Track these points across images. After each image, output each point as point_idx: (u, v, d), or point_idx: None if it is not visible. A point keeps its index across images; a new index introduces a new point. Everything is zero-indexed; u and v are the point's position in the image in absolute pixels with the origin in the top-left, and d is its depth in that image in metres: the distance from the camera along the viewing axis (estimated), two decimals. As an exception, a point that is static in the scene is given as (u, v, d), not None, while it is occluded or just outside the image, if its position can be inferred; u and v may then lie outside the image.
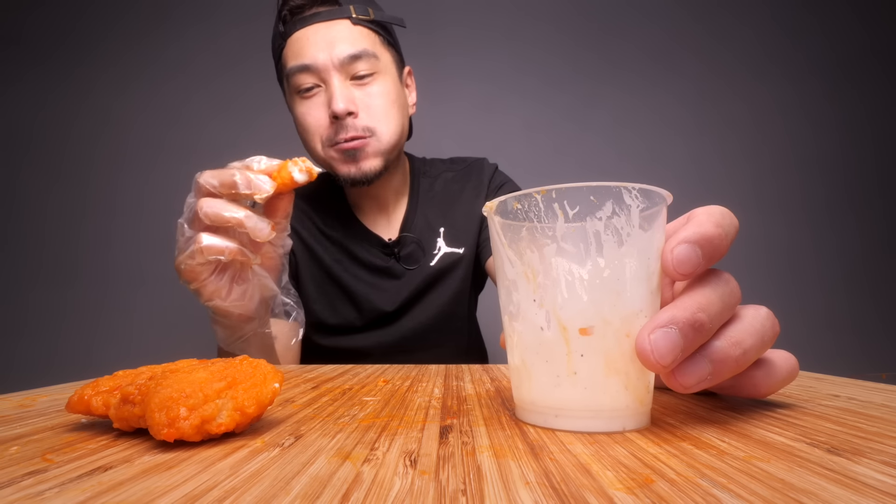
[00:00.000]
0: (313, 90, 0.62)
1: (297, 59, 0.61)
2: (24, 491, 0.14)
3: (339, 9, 0.62)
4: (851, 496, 0.13)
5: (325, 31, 0.61)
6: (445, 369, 0.42)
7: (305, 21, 0.62)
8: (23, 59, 1.40)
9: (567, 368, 0.20)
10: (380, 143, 0.64)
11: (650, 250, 0.21)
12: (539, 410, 0.21)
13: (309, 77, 0.62)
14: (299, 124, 0.65)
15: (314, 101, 0.63)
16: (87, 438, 0.20)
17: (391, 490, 0.14)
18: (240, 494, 0.14)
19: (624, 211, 0.21)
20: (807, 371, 0.40)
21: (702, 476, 0.15)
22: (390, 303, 0.70)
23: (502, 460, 0.16)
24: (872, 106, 1.51)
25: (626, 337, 0.20)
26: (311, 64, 0.61)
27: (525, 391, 0.22)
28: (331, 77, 0.61)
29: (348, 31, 0.62)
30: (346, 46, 0.61)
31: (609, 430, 0.20)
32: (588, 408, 0.20)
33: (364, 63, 0.62)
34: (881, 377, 1.40)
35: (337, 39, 0.61)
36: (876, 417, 0.22)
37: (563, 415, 0.21)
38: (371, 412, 0.25)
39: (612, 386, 0.20)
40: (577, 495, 0.13)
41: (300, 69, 0.61)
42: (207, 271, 0.39)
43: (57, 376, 1.31)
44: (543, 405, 0.21)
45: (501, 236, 0.23)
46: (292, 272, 0.71)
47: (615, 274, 0.20)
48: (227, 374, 0.21)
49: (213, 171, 0.37)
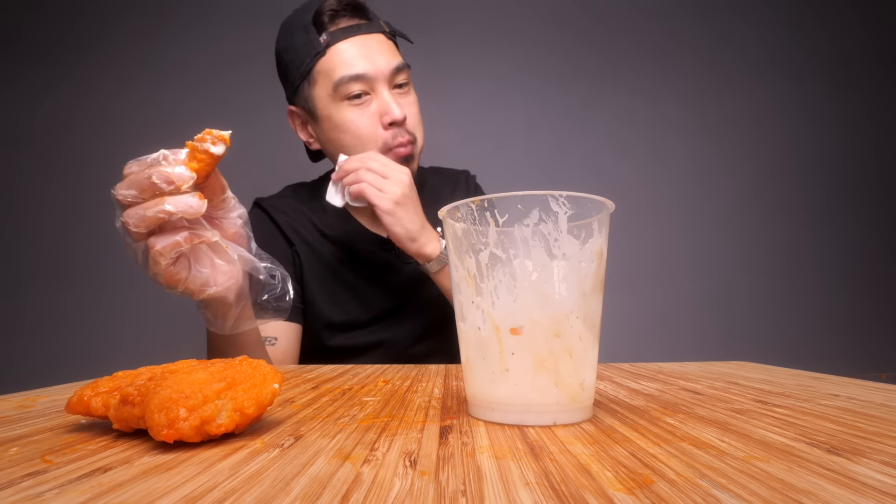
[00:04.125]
0: (363, 98, 0.66)
1: (349, 68, 0.65)
2: (23, 492, 0.14)
3: (374, 23, 0.68)
4: (851, 496, 0.13)
5: (369, 43, 0.66)
6: (445, 369, 0.42)
7: (347, 32, 0.66)
8: (22, 59, 1.40)
9: (500, 366, 0.22)
10: (417, 148, 0.70)
11: (582, 255, 0.22)
12: (479, 405, 0.23)
13: (359, 85, 0.65)
14: (348, 130, 0.67)
15: (365, 108, 0.66)
16: (86, 439, 0.20)
17: (391, 491, 0.14)
18: (240, 495, 0.14)
19: (551, 218, 0.22)
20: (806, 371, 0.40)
21: (701, 476, 0.15)
22: (393, 296, 0.72)
23: (502, 461, 0.16)
24: (872, 106, 1.51)
25: (556, 337, 0.21)
26: (363, 73, 0.65)
27: (469, 387, 0.24)
28: (381, 86, 0.66)
29: (386, 44, 0.67)
30: (391, 59, 0.66)
31: (540, 424, 0.21)
32: (519, 402, 0.21)
33: (403, 74, 0.68)
34: (881, 377, 1.40)
35: (380, 51, 0.66)
36: (875, 417, 0.22)
37: (497, 409, 0.22)
38: (371, 412, 0.25)
39: (541, 382, 0.21)
40: (577, 495, 0.13)
41: (353, 78, 0.65)
42: (184, 269, 0.39)
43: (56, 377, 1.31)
44: (483, 400, 0.23)
45: (448, 241, 0.25)
46: (296, 275, 0.72)
47: (543, 277, 0.21)
48: (226, 375, 0.20)
49: (126, 182, 0.37)
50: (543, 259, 0.21)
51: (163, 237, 0.37)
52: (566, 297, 0.21)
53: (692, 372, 0.39)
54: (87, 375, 0.34)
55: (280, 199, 0.77)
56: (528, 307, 0.21)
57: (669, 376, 0.37)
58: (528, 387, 0.21)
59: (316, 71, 0.67)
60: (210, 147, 0.36)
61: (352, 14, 0.67)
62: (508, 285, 0.22)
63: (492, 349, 0.22)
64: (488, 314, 0.22)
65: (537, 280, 0.21)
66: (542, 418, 0.21)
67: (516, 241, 0.22)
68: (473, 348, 0.23)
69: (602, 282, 0.23)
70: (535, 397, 0.21)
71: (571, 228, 0.22)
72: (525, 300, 0.21)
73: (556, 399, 0.21)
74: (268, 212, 0.74)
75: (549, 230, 0.22)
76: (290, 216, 0.74)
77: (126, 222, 0.37)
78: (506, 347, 0.22)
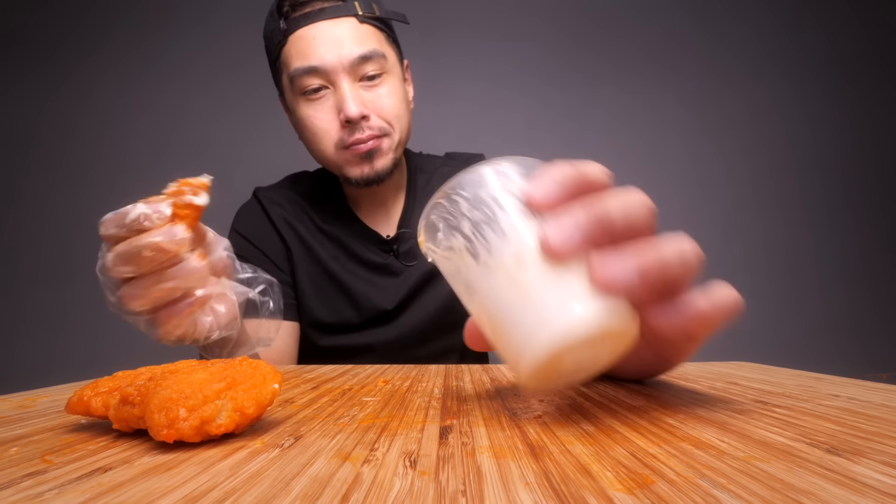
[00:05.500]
0: (320, 92, 0.60)
1: (303, 59, 0.59)
2: (23, 492, 0.14)
3: (345, 5, 0.60)
4: (851, 496, 0.13)
5: (331, 30, 0.59)
6: (445, 369, 0.42)
7: (309, 18, 0.59)
8: (23, 61, 1.40)
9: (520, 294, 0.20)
10: (392, 142, 0.64)
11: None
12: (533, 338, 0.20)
13: (316, 79, 0.60)
14: (305, 127, 0.63)
15: (322, 103, 0.61)
16: (86, 439, 0.20)
17: (391, 491, 0.14)
18: (240, 495, 0.14)
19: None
20: (806, 371, 0.40)
21: (701, 476, 0.15)
22: (389, 301, 0.69)
23: (502, 461, 0.16)
24: (872, 106, 1.51)
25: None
26: (318, 66, 0.59)
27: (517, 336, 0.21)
28: (340, 79, 0.59)
29: (355, 29, 0.60)
30: (355, 47, 0.59)
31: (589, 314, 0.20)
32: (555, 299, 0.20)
33: (373, 64, 0.60)
34: (881, 377, 1.40)
35: (345, 39, 0.59)
36: (876, 417, 0.22)
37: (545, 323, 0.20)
38: (371, 412, 0.25)
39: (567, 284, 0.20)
40: (577, 496, 0.13)
41: (307, 71, 0.59)
42: (190, 325, 0.37)
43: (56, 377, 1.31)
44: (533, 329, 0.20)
45: (432, 248, 0.25)
46: (289, 269, 0.70)
47: (515, 214, 0.23)
48: (226, 375, 0.21)
49: (117, 257, 0.33)
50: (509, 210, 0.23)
51: (173, 312, 0.36)
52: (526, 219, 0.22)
53: (692, 372, 0.39)
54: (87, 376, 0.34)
55: (278, 190, 0.74)
56: (518, 237, 0.22)
57: (669, 376, 0.37)
58: (557, 290, 0.20)
59: (280, 61, 0.63)
60: (192, 199, 0.33)
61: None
62: (495, 231, 0.22)
63: (510, 286, 0.21)
64: (493, 259, 0.22)
65: (514, 213, 0.22)
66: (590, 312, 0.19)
67: (482, 176, 0.24)
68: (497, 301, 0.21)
69: None
70: (576, 296, 0.20)
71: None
72: (512, 233, 0.22)
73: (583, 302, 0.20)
74: (263, 205, 0.72)
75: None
76: (286, 209, 0.71)
77: (124, 300, 0.34)
78: (521, 274, 0.21)
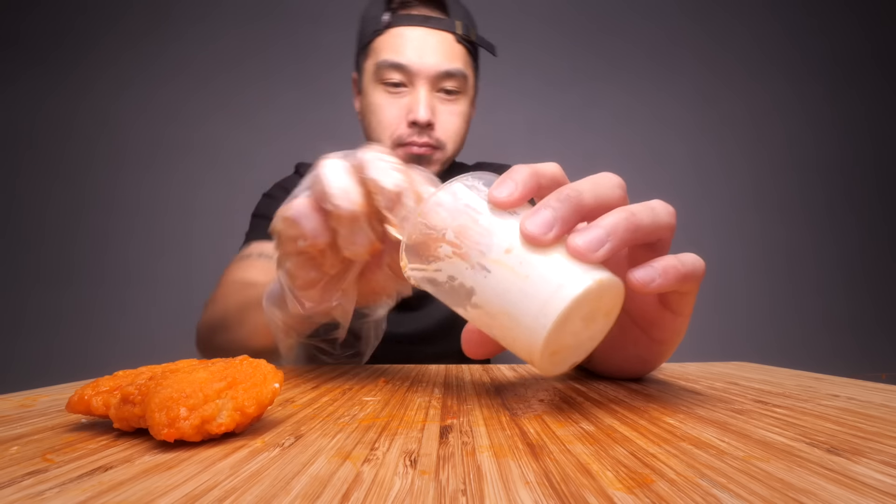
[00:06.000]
0: (399, 88, 0.64)
1: (395, 54, 0.63)
2: (24, 491, 0.14)
3: (448, 21, 0.64)
4: (851, 496, 0.13)
5: (429, 39, 0.63)
6: (445, 369, 0.42)
7: (413, 20, 0.63)
8: (20, 60, 1.40)
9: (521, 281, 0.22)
10: (443, 157, 0.67)
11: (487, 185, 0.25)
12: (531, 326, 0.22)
13: (399, 75, 0.63)
14: (373, 113, 0.65)
15: (397, 98, 0.64)
16: (87, 438, 0.20)
17: (391, 490, 0.14)
18: (240, 494, 0.14)
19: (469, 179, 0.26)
20: (806, 371, 0.40)
21: (701, 476, 0.15)
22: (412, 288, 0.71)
23: (502, 460, 0.17)
24: (872, 106, 1.51)
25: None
26: (406, 65, 0.62)
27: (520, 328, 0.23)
28: (420, 83, 0.63)
29: (449, 45, 0.64)
30: (444, 61, 0.63)
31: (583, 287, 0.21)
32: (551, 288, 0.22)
33: (453, 81, 0.64)
34: (881, 377, 1.40)
35: (438, 51, 0.63)
36: (875, 417, 0.22)
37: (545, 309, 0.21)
38: (371, 412, 0.25)
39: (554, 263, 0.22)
40: (577, 495, 0.13)
41: (394, 66, 0.63)
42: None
43: (57, 376, 1.31)
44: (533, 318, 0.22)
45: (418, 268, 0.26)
46: None
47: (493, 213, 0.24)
48: (227, 375, 0.21)
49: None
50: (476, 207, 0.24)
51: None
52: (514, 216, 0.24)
53: (692, 372, 0.39)
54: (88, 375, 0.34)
55: (295, 177, 0.76)
56: (501, 233, 0.23)
57: (669, 376, 0.37)
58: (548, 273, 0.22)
59: (371, 47, 0.66)
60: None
61: (426, 4, 0.65)
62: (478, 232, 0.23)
63: (506, 276, 0.22)
64: (485, 258, 0.23)
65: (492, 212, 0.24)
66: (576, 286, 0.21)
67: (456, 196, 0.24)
68: (496, 296, 0.23)
69: None
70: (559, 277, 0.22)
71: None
72: (496, 231, 0.23)
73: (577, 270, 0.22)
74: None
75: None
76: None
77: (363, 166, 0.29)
78: (514, 266, 0.22)
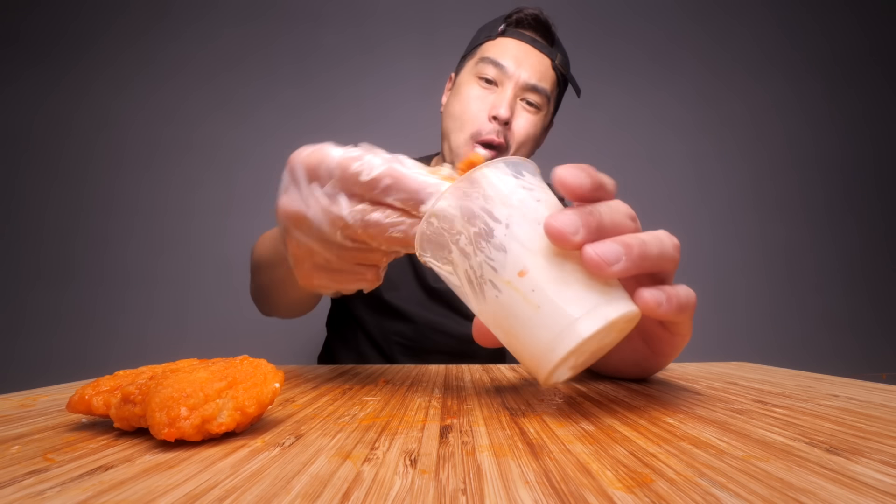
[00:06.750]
0: (490, 84, 0.71)
1: (497, 55, 0.71)
2: (25, 490, 0.14)
3: (551, 49, 0.74)
4: (850, 495, 0.13)
5: (530, 54, 0.72)
6: (445, 369, 0.42)
7: (523, 37, 0.72)
8: (20, 59, 1.40)
9: (531, 310, 0.22)
10: (507, 154, 0.72)
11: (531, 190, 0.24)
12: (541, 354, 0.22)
13: (494, 72, 0.71)
14: (461, 100, 0.72)
15: (486, 93, 0.71)
16: (87, 438, 0.20)
17: (391, 489, 0.14)
18: (240, 494, 0.14)
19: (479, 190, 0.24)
20: (806, 371, 0.40)
21: (701, 475, 0.15)
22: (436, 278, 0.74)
23: (502, 460, 0.17)
24: (871, 106, 1.51)
25: (556, 255, 0.22)
26: (504, 66, 0.70)
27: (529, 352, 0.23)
28: (508, 86, 0.70)
29: (545, 67, 0.72)
30: (535, 77, 0.71)
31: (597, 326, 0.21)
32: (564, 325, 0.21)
33: (537, 96, 0.72)
34: (881, 377, 1.40)
35: (534, 67, 0.71)
36: (875, 417, 0.22)
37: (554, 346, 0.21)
38: (371, 412, 0.25)
39: (570, 295, 0.21)
40: (577, 494, 0.13)
41: (493, 63, 0.71)
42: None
43: (57, 376, 1.31)
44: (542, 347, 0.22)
45: (434, 262, 0.25)
46: None
47: (515, 221, 0.23)
48: (227, 374, 0.21)
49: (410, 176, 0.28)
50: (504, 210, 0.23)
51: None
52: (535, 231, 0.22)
53: (692, 372, 0.39)
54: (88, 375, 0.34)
55: None
56: (519, 250, 0.22)
57: (669, 376, 0.37)
58: (563, 305, 0.21)
59: (479, 48, 0.75)
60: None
61: (536, 30, 0.74)
62: (495, 245, 0.23)
63: (517, 302, 0.22)
64: (496, 277, 0.23)
65: (510, 227, 0.23)
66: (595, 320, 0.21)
67: (473, 212, 0.23)
68: (505, 316, 0.23)
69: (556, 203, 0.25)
70: (575, 309, 0.21)
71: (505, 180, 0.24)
72: (513, 248, 0.22)
73: (594, 301, 0.21)
74: None
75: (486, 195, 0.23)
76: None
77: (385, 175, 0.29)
78: (525, 292, 0.22)
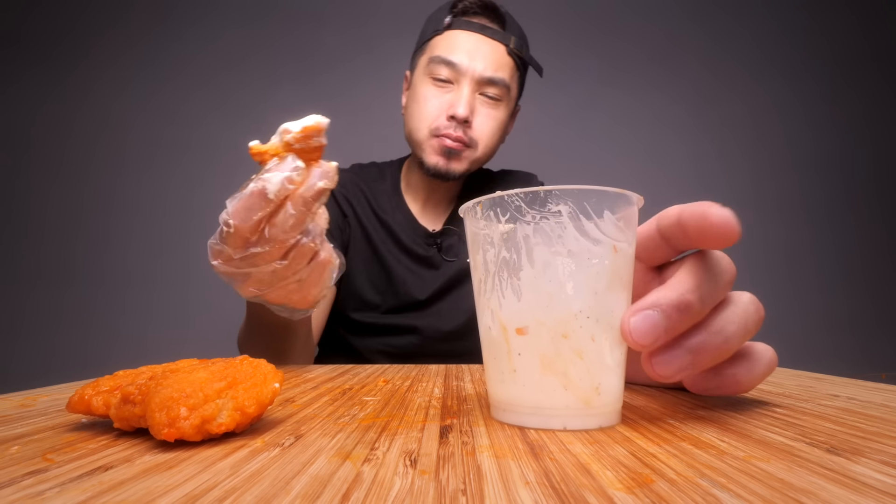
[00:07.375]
0: (445, 84, 0.69)
1: (447, 52, 0.68)
2: (24, 490, 0.14)
3: (503, 33, 0.69)
4: (851, 496, 0.13)
5: (482, 45, 0.68)
6: (445, 369, 0.42)
7: (471, 27, 0.68)
8: (21, 60, 1.40)
9: (508, 366, 0.22)
10: (472, 156, 0.71)
11: (592, 252, 0.21)
12: (493, 404, 0.23)
13: (447, 71, 0.68)
14: (417, 102, 0.70)
15: (441, 93, 0.69)
16: (87, 438, 0.20)
17: (391, 490, 0.14)
18: (240, 494, 0.14)
19: (553, 214, 0.21)
20: (806, 371, 0.40)
21: (701, 476, 0.15)
22: (423, 291, 0.74)
23: (502, 460, 0.17)
24: (871, 106, 1.51)
25: (564, 338, 0.20)
26: (456, 63, 0.67)
27: (488, 386, 0.24)
28: (464, 83, 0.67)
29: (500, 56, 0.69)
30: (491, 68, 0.68)
31: (549, 428, 0.21)
32: (527, 404, 0.21)
33: (496, 89, 0.69)
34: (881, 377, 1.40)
35: (488, 58, 0.68)
36: (875, 417, 0.22)
37: (508, 409, 0.22)
38: (371, 412, 0.25)
39: (548, 385, 0.21)
40: (577, 495, 0.13)
41: (444, 62, 0.68)
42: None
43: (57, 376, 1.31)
44: (495, 399, 0.23)
45: (468, 241, 0.25)
46: (343, 245, 0.75)
47: (546, 276, 0.21)
48: (227, 374, 0.21)
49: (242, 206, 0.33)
50: (546, 257, 0.21)
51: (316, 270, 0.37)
52: (573, 297, 0.20)
53: (692, 372, 0.39)
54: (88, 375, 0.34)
55: (343, 172, 0.79)
56: (532, 307, 0.21)
57: (669, 376, 0.37)
58: (535, 388, 0.21)
59: (428, 45, 0.71)
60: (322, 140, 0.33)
61: (485, 15, 0.70)
62: (514, 285, 0.21)
63: (501, 349, 0.22)
64: (496, 314, 0.22)
65: (540, 279, 0.21)
66: (550, 422, 0.21)
67: (518, 239, 0.21)
68: (486, 348, 0.23)
69: (624, 279, 0.21)
70: (544, 399, 0.21)
71: (577, 225, 0.21)
72: (528, 300, 0.21)
73: (565, 403, 0.20)
74: None
75: (552, 226, 0.21)
76: (347, 189, 0.77)
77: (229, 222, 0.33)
78: (513, 348, 0.21)
